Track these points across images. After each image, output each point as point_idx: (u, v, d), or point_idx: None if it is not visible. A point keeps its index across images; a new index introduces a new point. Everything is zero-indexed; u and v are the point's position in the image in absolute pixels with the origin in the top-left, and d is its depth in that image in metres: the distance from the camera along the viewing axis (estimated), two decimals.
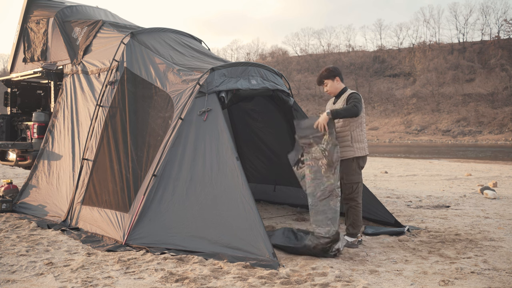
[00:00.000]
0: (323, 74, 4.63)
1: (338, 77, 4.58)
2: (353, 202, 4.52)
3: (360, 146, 4.51)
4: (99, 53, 6.02)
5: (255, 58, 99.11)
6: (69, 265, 3.81)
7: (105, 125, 5.29)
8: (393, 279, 3.50)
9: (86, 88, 5.90)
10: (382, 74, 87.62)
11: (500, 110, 69.09)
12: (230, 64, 5.05)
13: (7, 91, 7.98)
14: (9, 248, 4.35)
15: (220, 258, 3.89)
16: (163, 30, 6.19)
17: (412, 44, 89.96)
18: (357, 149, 4.49)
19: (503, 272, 3.68)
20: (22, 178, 10.29)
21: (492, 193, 8.13)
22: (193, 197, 4.33)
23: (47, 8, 7.19)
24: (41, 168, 6.14)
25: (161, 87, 5.06)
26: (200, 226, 4.21)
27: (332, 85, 4.59)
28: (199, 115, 4.62)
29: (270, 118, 6.50)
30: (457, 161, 22.17)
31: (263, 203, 7.00)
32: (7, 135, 7.60)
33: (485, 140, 61.62)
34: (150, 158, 4.71)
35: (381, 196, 8.16)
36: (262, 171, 7.18)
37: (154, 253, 4.08)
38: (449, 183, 10.85)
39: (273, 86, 5.30)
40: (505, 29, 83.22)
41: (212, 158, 4.42)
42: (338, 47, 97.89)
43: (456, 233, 5.08)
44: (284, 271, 3.59)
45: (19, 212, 6.07)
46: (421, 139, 67.12)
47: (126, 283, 3.37)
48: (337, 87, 4.59)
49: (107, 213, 4.82)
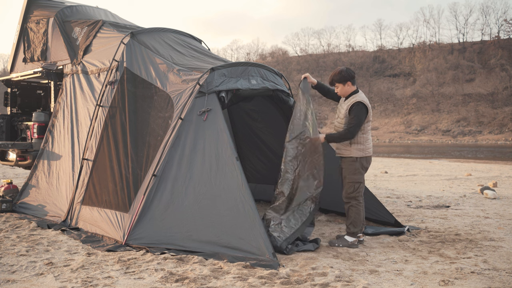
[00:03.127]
0: (335, 77, 4.70)
1: (350, 81, 4.64)
2: (354, 201, 4.57)
3: (359, 148, 4.56)
4: (99, 53, 6.02)
5: (255, 58, 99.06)
6: (69, 265, 3.81)
7: (105, 125, 5.29)
8: (393, 279, 3.51)
9: (86, 88, 5.90)
10: (382, 74, 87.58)
11: (500, 110, 69.10)
12: (230, 64, 5.05)
13: (7, 91, 7.99)
14: (9, 248, 4.35)
15: (220, 258, 3.89)
16: (163, 30, 6.19)
17: (412, 44, 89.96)
18: (355, 150, 4.55)
19: (503, 272, 3.68)
20: (22, 178, 10.29)
21: (492, 193, 8.13)
22: (193, 197, 4.33)
23: (47, 8, 7.19)
24: (41, 168, 6.14)
25: (161, 87, 5.06)
26: (200, 226, 4.21)
27: (342, 88, 4.69)
28: (199, 115, 4.62)
29: (270, 118, 6.50)
30: (457, 161, 22.16)
31: (263, 203, 6.99)
32: (7, 135, 7.60)
33: (485, 140, 61.62)
34: (150, 158, 4.71)
35: (381, 196, 8.16)
36: (262, 171, 7.18)
37: (154, 253, 4.08)
38: (449, 183, 10.85)
39: (273, 86, 5.30)
40: (505, 29, 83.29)
41: (211, 158, 4.42)
42: (338, 47, 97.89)
43: (456, 233, 5.08)
44: (284, 271, 3.60)
45: (19, 212, 6.07)
46: (421, 139, 67.11)
47: (126, 283, 3.37)
48: (347, 90, 4.68)
49: (107, 213, 4.82)
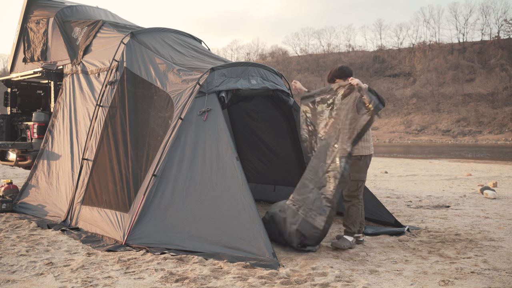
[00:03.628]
0: (336, 73, 4.61)
1: (350, 77, 4.52)
2: (355, 200, 4.55)
3: (365, 145, 4.55)
4: (99, 53, 6.02)
5: (255, 58, 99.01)
6: (69, 265, 3.81)
7: (105, 125, 5.29)
8: (393, 279, 3.51)
9: (85, 88, 5.90)
10: (382, 74, 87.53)
11: (500, 110, 69.07)
12: (230, 64, 5.05)
13: (7, 91, 7.98)
14: (9, 248, 4.35)
15: (220, 258, 3.89)
16: (163, 30, 6.19)
17: (412, 44, 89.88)
18: (361, 148, 4.52)
19: (503, 272, 3.68)
20: (22, 178, 10.28)
21: (492, 193, 8.13)
22: (193, 197, 4.33)
23: (47, 8, 7.19)
24: (40, 168, 6.14)
25: (161, 87, 5.06)
26: (200, 226, 4.21)
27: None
28: (199, 115, 4.62)
29: (270, 118, 6.50)
30: (457, 161, 22.16)
31: (263, 203, 6.99)
32: (7, 135, 7.60)
33: (485, 140, 61.60)
34: (150, 158, 4.71)
35: (381, 196, 8.16)
36: (262, 171, 7.17)
37: (154, 253, 4.08)
38: (449, 183, 10.85)
39: (273, 86, 5.30)
40: (505, 29, 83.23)
41: (212, 158, 4.42)
42: (338, 47, 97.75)
43: (456, 233, 5.08)
44: (284, 271, 3.59)
45: (19, 212, 6.07)
46: (421, 139, 67.09)
47: (126, 283, 3.37)
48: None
49: (107, 213, 4.82)
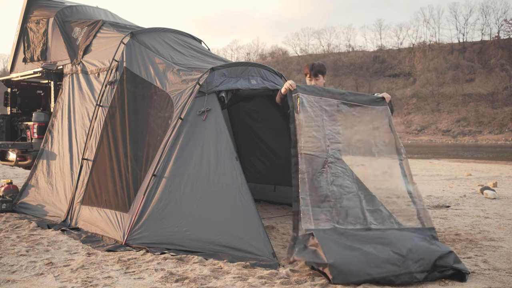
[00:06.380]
0: (321, 68, 4.53)
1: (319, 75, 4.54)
2: None
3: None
4: (99, 53, 6.02)
5: (255, 58, 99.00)
6: (69, 265, 3.80)
7: (104, 125, 5.29)
8: None
9: (85, 88, 5.90)
10: (382, 74, 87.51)
11: (500, 110, 69.07)
12: (230, 64, 5.05)
13: (7, 91, 7.98)
14: (9, 248, 4.35)
15: (220, 258, 3.89)
16: (163, 30, 6.19)
17: (412, 44, 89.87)
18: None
19: (503, 272, 3.67)
20: (22, 178, 10.28)
21: (492, 193, 8.13)
22: (193, 197, 4.33)
23: (47, 8, 7.19)
24: (40, 168, 6.13)
25: (160, 87, 5.06)
26: (200, 226, 4.20)
27: (321, 81, 4.55)
28: (199, 115, 4.62)
29: (270, 118, 6.50)
30: (457, 161, 22.16)
31: (263, 203, 6.99)
32: (7, 135, 7.60)
33: (485, 140, 61.61)
34: (150, 158, 4.71)
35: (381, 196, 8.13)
36: (262, 171, 7.18)
37: (154, 253, 4.08)
38: (449, 183, 10.84)
39: (273, 86, 5.30)
40: (505, 29, 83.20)
41: (211, 158, 4.41)
42: (338, 47, 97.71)
43: (456, 233, 5.08)
44: (284, 271, 3.59)
45: (19, 212, 6.07)
46: (421, 139, 67.11)
47: (126, 283, 3.37)
48: (323, 83, 4.58)
49: (107, 213, 4.81)
